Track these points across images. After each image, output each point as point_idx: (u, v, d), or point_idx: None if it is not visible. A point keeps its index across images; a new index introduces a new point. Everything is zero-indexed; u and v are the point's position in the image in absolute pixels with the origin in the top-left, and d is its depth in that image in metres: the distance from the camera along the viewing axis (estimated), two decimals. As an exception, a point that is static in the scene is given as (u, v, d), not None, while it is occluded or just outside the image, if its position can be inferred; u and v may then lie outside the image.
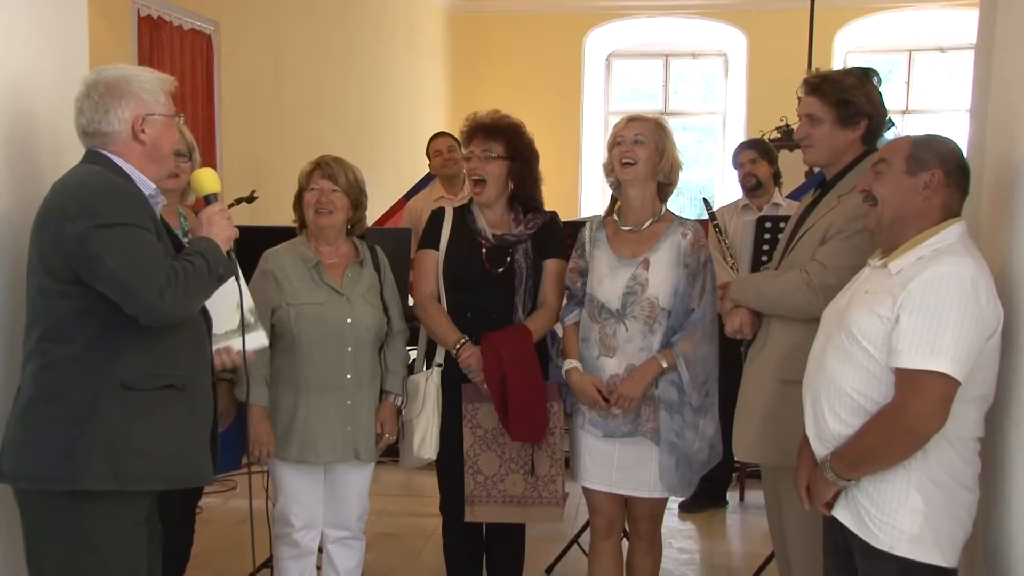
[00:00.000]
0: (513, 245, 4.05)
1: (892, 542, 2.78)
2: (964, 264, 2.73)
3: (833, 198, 3.51)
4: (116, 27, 6.36)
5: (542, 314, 4.03)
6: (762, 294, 3.59)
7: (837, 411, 2.88)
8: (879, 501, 2.81)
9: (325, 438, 3.90)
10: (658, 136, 3.78)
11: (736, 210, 5.98)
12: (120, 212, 2.82)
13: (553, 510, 4.02)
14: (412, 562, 5.32)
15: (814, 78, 3.61)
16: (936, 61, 13.47)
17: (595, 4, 13.33)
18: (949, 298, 2.68)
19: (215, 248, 3.01)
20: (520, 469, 3.99)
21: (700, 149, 14.21)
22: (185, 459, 3.02)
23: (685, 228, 3.81)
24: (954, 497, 2.79)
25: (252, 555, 3.78)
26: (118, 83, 2.96)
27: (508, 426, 3.89)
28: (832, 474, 2.87)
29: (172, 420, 2.96)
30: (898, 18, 12.80)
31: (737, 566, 5.35)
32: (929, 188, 2.85)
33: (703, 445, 3.78)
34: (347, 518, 4.08)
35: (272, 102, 8.51)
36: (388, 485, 6.32)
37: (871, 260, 3.01)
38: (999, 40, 3.25)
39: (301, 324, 3.85)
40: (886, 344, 2.76)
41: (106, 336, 2.86)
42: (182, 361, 3.01)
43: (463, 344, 3.96)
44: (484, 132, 4.07)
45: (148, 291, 2.76)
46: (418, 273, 4.15)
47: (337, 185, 3.89)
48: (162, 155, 3.07)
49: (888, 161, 2.90)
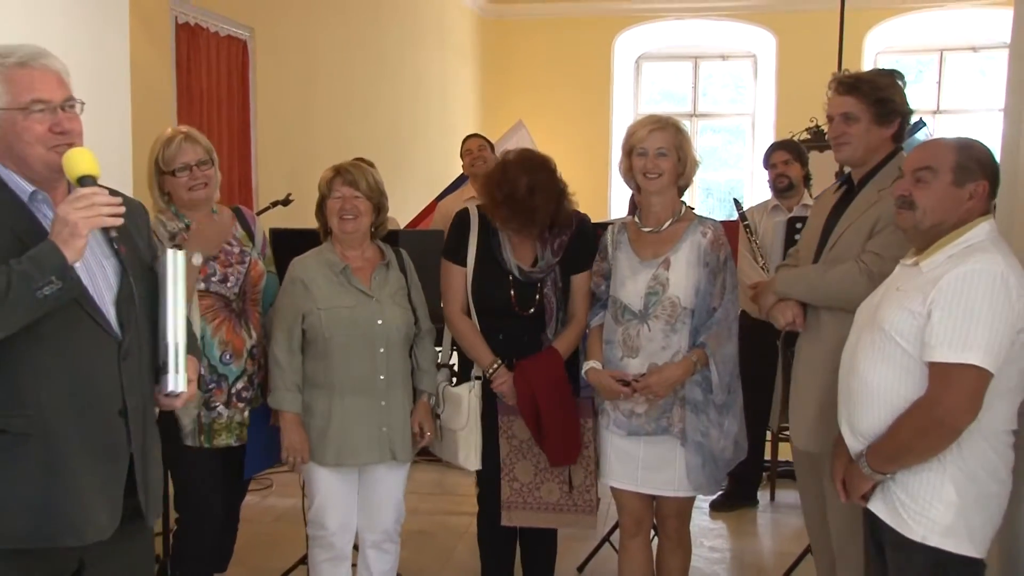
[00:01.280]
0: (541, 279, 4.02)
1: (926, 533, 2.80)
2: (994, 260, 2.75)
3: (872, 193, 3.54)
4: (155, 34, 6.41)
5: (571, 331, 4.01)
6: (815, 287, 3.58)
7: (870, 406, 2.90)
8: (914, 493, 2.82)
9: (361, 440, 3.90)
10: (679, 143, 3.76)
11: (766, 211, 5.95)
12: None
13: (587, 518, 4.05)
14: (445, 560, 5.32)
15: (849, 78, 3.63)
16: (968, 61, 13.34)
17: (624, 7, 13.31)
18: (980, 293, 2.70)
19: (43, 256, 2.44)
20: (555, 479, 4.01)
21: (729, 150, 14.16)
22: (42, 516, 2.54)
23: (705, 227, 3.80)
24: (987, 489, 2.81)
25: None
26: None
27: (545, 451, 3.92)
28: (868, 469, 2.88)
29: (12, 471, 2.51)
30: (929, 18, 12.72)
31: (768, 565, 5.33)
32: (974, 199, 2.87)
33: (728, 443, 3.78)
34: (384, 522, 4.07)
35: (305, 106, 8.55)
36: (421, 484, 6.33)
37: (903, 259, 3.02)
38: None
39: (333, 328, 3.84)
40: (919, 339, 2.77)
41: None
42: (26, 399, 2.51)
43: (497, 368, 3.97)
44: (511, 209, 3.91)
45: None
46: (445, 287, 4.11)
47: (359, 190, 3.89)
48: (15, 153, 2.57)
49: (934, 170, 2.88)
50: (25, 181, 2.60)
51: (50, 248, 2.44)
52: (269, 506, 6.09)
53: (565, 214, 4.02)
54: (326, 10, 8.86)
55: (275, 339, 3.89)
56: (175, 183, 3.81)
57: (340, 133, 8.81)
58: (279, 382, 3.86)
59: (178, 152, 3.80)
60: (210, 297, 3.79)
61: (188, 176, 3.81)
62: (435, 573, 5.12)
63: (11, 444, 2.51)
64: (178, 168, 3.79)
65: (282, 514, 5.89)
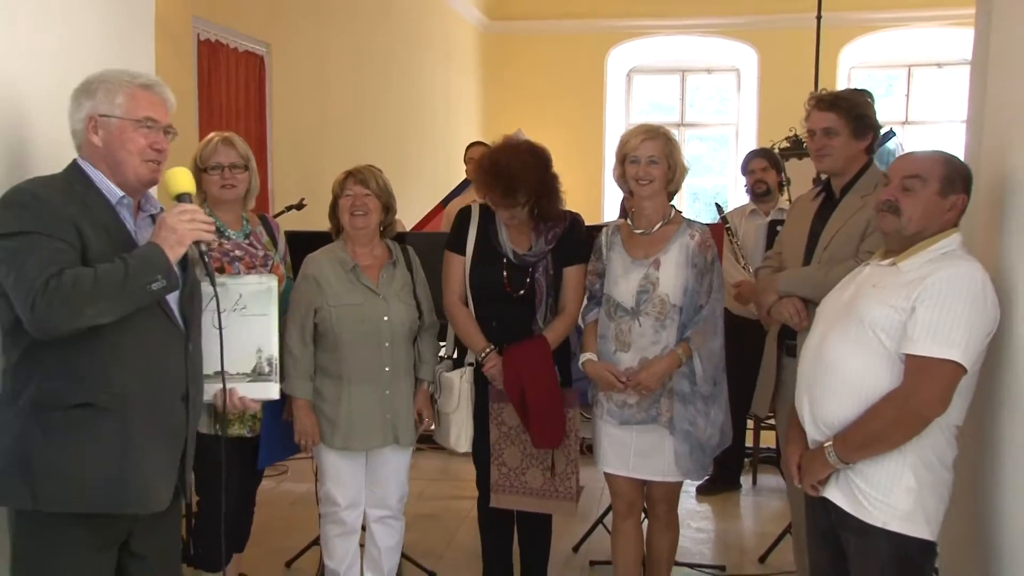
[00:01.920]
0: (533, 264, 4.00)
1: (886, 518, 2.79)
2: (975, 267, 2.77)
3: (856, 199, 3.60)
4: (179, 50, 6.41)
5: (560, 322, 3.99)
6: (821, 285, 3.53)
7: (839, 396, 2.88)
8: (874, 481, 2.81)
9: (367, 426, 3.92)
10: (669, 151, 3.76)
11: (745, 214, 5.97)
12: (21, 221, 2.54)
13: (568, 504, 4.03)
14: (449, 541, 5.33)
15: (829, 96, 3.72)
16: (933, 76, 13.41)
17: (616, 24, 13.31)
18: (963, 295, 2.71)
19: (151, 254, 2.61)
20: (539, 465, 4.00)
21: (714, 158, 14.15)
22: (121, 485, 2.65)
23: (693, 230, 3.81)
24: (940, 477, 2.82)
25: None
26: (89, 82, 2.73)
27: (531, 435, 3.91)
28: (835, 456, 2.85)
29: (101, 442, 2.63)
30: (898, 36, 12.83)
31: (750, 544, 5.32)
32: (953, 209, 2.88)
33: (714, 431, 3.78)
34: (388, 498, 4.09)
35: (318, 117, 8.55)
36: (427, 470, 6.36)
37: (873, 259, 3.02)
38: (993, 56, 3.25)
39: (342, 323, 3.86)
40: (899, 332, 2.76)
41: (31, 351, 2.60)
42: (112, 378, 2.63)
43: (488, 353, 3.96)
44: (502, 191, 3.84)
45: (22, 301, 2.49)
46: (446, 277, 4.11)
47: (369, 189, 3.91)
48: (115, 160, 2.71)
49: (924, 179, 2.87)
50: (115, 186, 2.73)
51: (158, 250, 2.61)
52: (284, 491, 6.09)
53: (557, 207, 3.99)
54: (337, 27, 8.87)
55: (289, 331, 3.89)
56: (208, 180, 3.86)
57: (350, 141, 8.81)
58: (292, 371, 3.87)
59: (213, 152, 3.88)
60: None
61: (220, 175, 3.87)
62: (439, 553, 5.12)
63: (96, 417, 2.62)
64: (211, 167, 3.87)
65: (297, 499, 5.89)
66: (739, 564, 5.06)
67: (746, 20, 12.83)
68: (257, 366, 3.02)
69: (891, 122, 11.16)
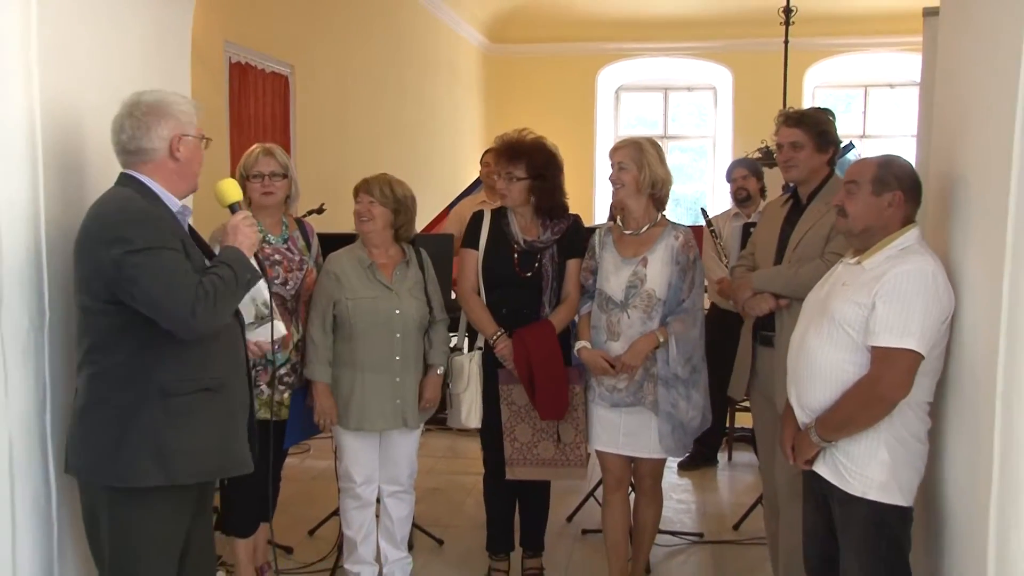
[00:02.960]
0: (541, 251, 4.03)
1: (865, 489, 2.83)
2: (926, 262, 2.79)
3: (821, 205, 3.61)
4: (212, 72, 6.39)
5: (564, 308, 4.00)
6: (790, 281, 3.58)
7: (819, 384, 2.91)
8: (854, 456, 2.85)
9: (378, 409, 3.92)
10: (637, 157, 3.76)
11: (728, 218, 5.96)
12: (149, 236, 2.60)
13: (578, 470, 4.04)
14: (456, 512, 5.31)
15: (795, 114, 3.77)
16: (887, 95, 13.53)
17: (606, 46, 13.33)
18: (916, 289, 2.74)
19: (240, 256, 2.78)
20: (549, 437, 3.99)
21: (694, 167, 14.12)
22: (226, 452, 2.83)
23: (677, 232, 3.81)
24: (912, 450, 2.86)
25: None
26: (160, 105, 2.76)
27: (536, 407, 3.90)
28: (817, 437, 2.90)
29: (209, 419, 2.76)
30: (856, 59, 12.99)
31: (726, 513, 5.32)
32: (892, 206, 2.90)
33: (696, 413, 3.77)
34: (399, 475, 4.09)
35: (337, 130, 8.53)
36: (435, 449, 6.35)
37: (845, 259, 3.05)
38: (938, 79, 3.30)
39: (357, 315, 3.86)
40: (864, 327, 2.80)
41: (146, 348, 2.66)
42: (217, 364, 2.80)
43: (499, 336, 3.97)
44: (508, 155, 4.01)
45: (181, 309, 2.58)
46: (461, 269, 4.13)
47: (373, 198, 3.90)
48: (191, 172, 2.83)
49: (858, 183, 2.93)
50: (174, 197, 2.80)
51: (240, 252, 2.80)
52: (307, 467, 6.08)
53: (560, 202, 4.09)
54: (355, 49, 8.86)
55: (311, 321, 3.90)
56: (251, 187, 3.86)
57: (367, 152, 8.80)
58: (313, 356, 3.88)
59: (255, 162, 3.90)
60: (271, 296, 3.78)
61: (261, 183, 3.87)
62: (447, 523, 5.10)
63: (209, 399, 2.77)
64: (253, 175, 3.88)
65: (318, 474, 5.88)
66: (716, 531, 5.05)
67: (722, 44, 12.87)
68: (257, 311, 3.04)
69: (850, 136, 11.23)
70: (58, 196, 2.85)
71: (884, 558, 2.84)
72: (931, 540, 3.02)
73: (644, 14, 12.64)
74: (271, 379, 3.79)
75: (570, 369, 3.94)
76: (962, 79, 2.89)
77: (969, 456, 2.64)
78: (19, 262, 2.74)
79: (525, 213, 4.07)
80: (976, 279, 2.65)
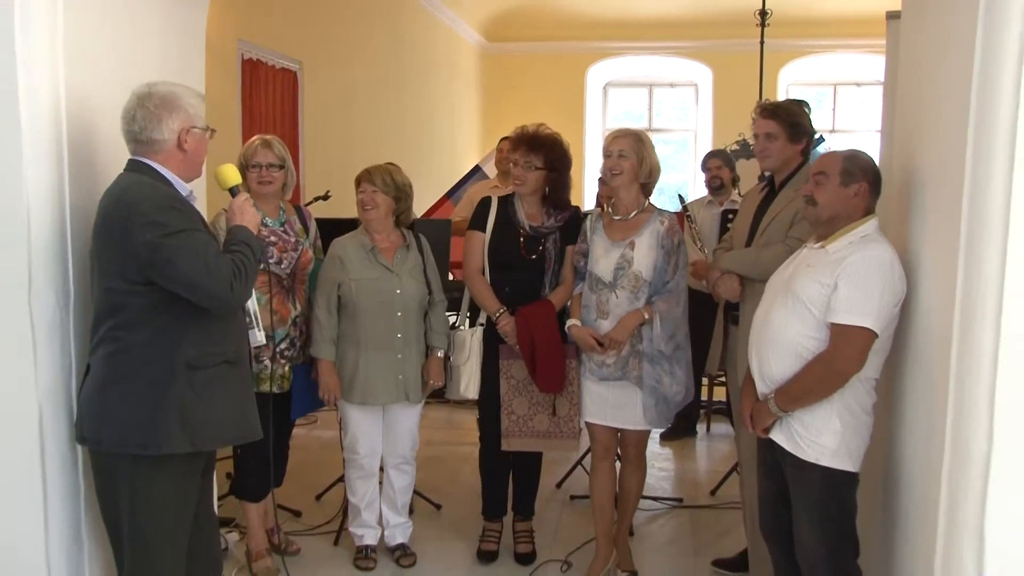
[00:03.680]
0: (545, 236, 4.03)
1: (818, 455, 2.87)
2: (885, 249, 2.83)
3: (790, 193, 3.58)
4: (225, 68, 6.38)
5: (562, 289, 4.00)
6: (755, 263, 3.58)
7: (781, 357, 2.93)
8: (809, 425, 2.88)
9: (381, 384, 3.92)
10: (637, 148, 3.76)
11: (703, 205, 5.97)
12: (180, 220, 2.63)
13: (571, 442, 4.05)
14: (453, 479, 5.34)
15: (770, 106, 3.72)
16: (854, 93, 13.60)
17: (595, 45, 13.31)
18: (875, 273, 2.77)
19: (251, 234, 2.80)
20: (545, 411, 3.99)
21: (677, 158, 14.10)
22: (243, 420, 2.85)
23: (663, 217, 3.81)
24: (861, 421, 2.90)
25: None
26: (171, 98, 2.74)
27: (536, 380, 3.91)
28: (776, 407, 2.92)
29: (230, 389, 2.79)
30: (826, 59, 13.04)
31: (703, 480, 5.35)
32: (858, 196, 2.93)
33: (679, 388, 3.77)
34: (401, 448, 4.10)
35: (342, 123, 8.51)
36: (434, 420, 6.36)
37: (808, 243, 3.06)
38: (900, 78, 3.30)
39: (360, 295, 3.87)
40: (825, 305, 2.82)
41: (172, 325, 2.67)
42: (234, 338, 2.83)
43: (502, 313, 3.97)
44: (528, 145, 4.00)
45: (220, 286, 2.61)
46: (467, 251, 4.11)
47: (376, 187, 3.91)
48: (197, 162, 2.83)
49: (827, 174, 2.95)
50: (183, 183, 2.79)
51: (249, 231, 2.82)
52: (315, 437, 6.09)
53: (567, 196, 4.10)
54: (360, 47, 8.84)
55: (317, 302, 3.90)
56: (249, 176, 3.86)
57: (370, 144, 8.78)
58: (318, 335, 3.88)
59: (254, 153, 3.89)
60: (266, 275, 3.78)
61: (258, 173, 3.87)
62: (445, 489, 5.13)
63: (229, 371, 2.79)
64: (252, 165, 3.87)
65: (325, 444, 5.90)
66: (694, 497, 5.08)
67: (703, 44, 12.86)
68: (247, 314, 2.97)
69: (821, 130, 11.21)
70: (80, 183, 2.85)
71: (835, 518, 2.89)
72: (887, 504, 3.05)
73: (631, 15, 12.61)
74: (272, 354, 3.81)
75: (566, 346, 3.94)
76: (921, 79, 2.90)
77: (924, 428, 2.67)
78: (46, 244, 2.74)
79: (532, 201, 4.07)
80: (933, 265, 2.67)
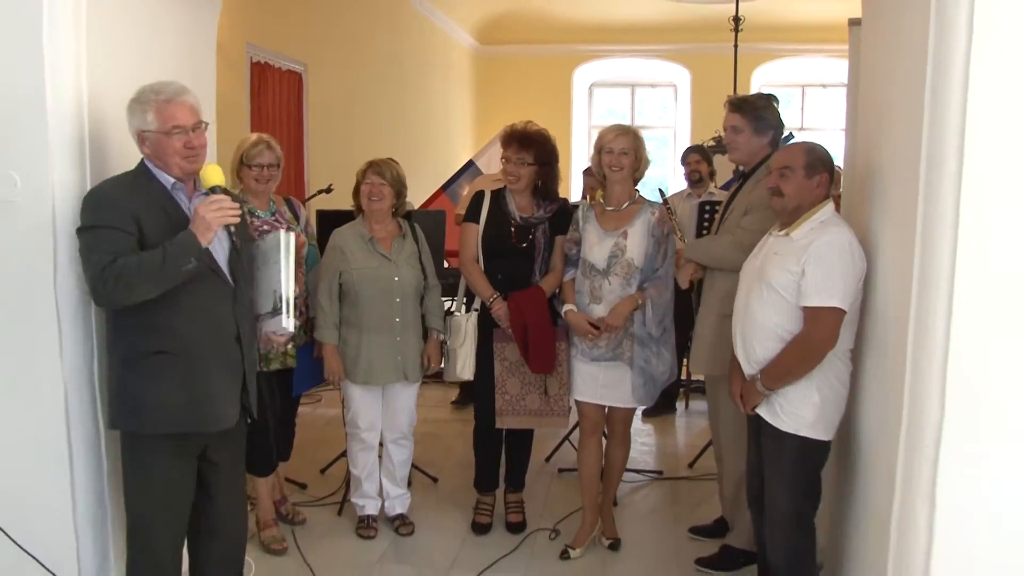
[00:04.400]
0: (535, 226, 4.03)
1: (797, 427, 2.92)
2: (843, 232, 2.88)
3: (751, 184, 3.58)
4: (235, 70, 6.38)
5: (552, 276, 4.00)
6: (707, 252, 3.63)
7: (761, 341, 2.97)
8: (790, 398, 2.93)
9: (381, 365, 3.93)
10: (637, 146, 3.80)
11: (683, 197, 5.98)
12: (94, 217, 2.62)
13: (561, 419, 4.06)
14: (448, 453, 5.35)
15: (736, 100, 3.72)
16: (820, 94, 13.68)
17: (581, 48, 13.31)
18: (836, 256, 2.82)
19: (185, 241, 2.61)
20: (536, 390, 4.00)
21: (658, 154, 14.10)
22: (197, 408, 2.74)
23: (653, 209, 3.82)
24: (838, 393, 2.94)
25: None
26: (133, 101, 2.74)
27: (528, 361, 3.92)
28: (762, 387, 2.96)
29: (173, 379, 2.70)
30: (795, 63, 13.12)
31: (682, 454, 5.38)
32: (820, 186, 2.97)
33: (665, 368, 3.79)
34: (400, 424, 4.11)
35: (345, 121, 8.50)
36: (431, 399, 6.36)
37: (773, 231, 3.10)
38: (862, 81, 3.33)
39: (361, 283, 3.87)
40: (796, 290, 2.86)
41: (119, 315, 2.71)
42: (177, 332, 2.70)
43: (495, 299, 3.97)
44: (519, 142, 4.00)
45: (89, 284, 2.62)
46: (463, 241, 4.10)
47: (384, 179, 3.91)
48: (165, 162, 2.72)
49: (791, 167, 2.98)
50: (169, 176, 2.74)
51: (192, 237, 2.62)
52: (319, 414, 6.10)
53: (556, 188, 4.11)
54: (361, 51, 8.82)
55: (320, 290, 3.90)
56: (248, 174, 3.82)
57: (370, 141, 8.75)
58: (322, 321, 3.89)
59: (258, 153, 3.83)
60: (299, 269, 3.78)
61: (259, 172, 3.83)
62: (441, 463, 5.15)
63: (169, 360, 2.70)
64: (254, 164, 3.82)
65: (329, 420, 5.91)
66: (674, 469, 5.12)
67: (681, 47, 12.90)
68: (275, 304, 2.94)
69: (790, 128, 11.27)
70: (101, 177, 2.85)
71: (805, 483, 2.97)
72: (847, 465, 3.10)
73: (614, 20, 12.59)
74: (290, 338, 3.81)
75: (556, 329, 3.95)
76: (880, 81, 2.92)
77: (884, 396, 2.71)
78: (70, 235, 2.75)
79: (524, 193, 4.07)
80: (892, 250, 2.70)
